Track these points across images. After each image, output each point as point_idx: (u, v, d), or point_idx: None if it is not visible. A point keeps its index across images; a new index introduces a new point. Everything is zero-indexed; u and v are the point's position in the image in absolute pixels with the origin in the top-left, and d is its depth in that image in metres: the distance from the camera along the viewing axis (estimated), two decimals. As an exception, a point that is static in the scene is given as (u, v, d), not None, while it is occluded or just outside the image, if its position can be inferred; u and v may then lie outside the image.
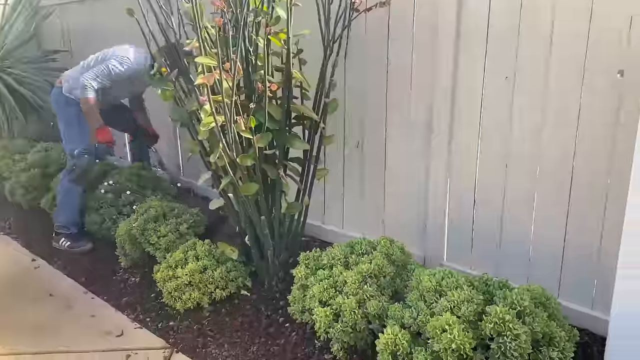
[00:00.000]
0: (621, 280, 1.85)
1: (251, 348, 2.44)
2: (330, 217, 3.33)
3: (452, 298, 1.91)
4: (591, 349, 2.24)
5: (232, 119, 2.30)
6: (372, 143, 2.97)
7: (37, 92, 4.85)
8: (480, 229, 2.63)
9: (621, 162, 2.12)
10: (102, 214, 3.43)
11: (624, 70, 2.05)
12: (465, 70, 2.50)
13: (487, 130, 2.50)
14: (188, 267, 2.72)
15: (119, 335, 2.61)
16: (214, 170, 2.74)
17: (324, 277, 2.36)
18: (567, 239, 2.35)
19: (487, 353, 1.81)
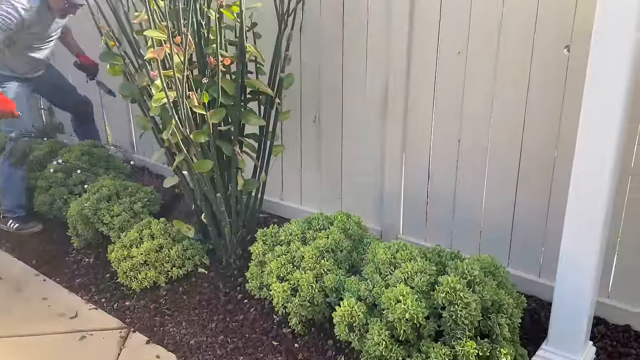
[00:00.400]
0: (566, 247, 1.93)
1: (209, 325, 2.43)
2: (288, 193, 3.33)
3: (405, 269, 1.96)
4: (538, 315, 2.34)
5: (184, 94, 2.24)
6: (329, 118, 2.97)
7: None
8: (435, 202, 2.68)
9: (568, 135, 2.19)
10: (52, 194, 3.31)
11: (570, 45, 2.11)
12: (419, 44, 2.51)
13: (440, 104, 2.53)
14: (143, 246, 2.68)
15: (73, 317, 2.56)
16: (168, 147, 2.68)
17: (282, 253, 2.37)
18: (516, 210, 2.43)
19: (439, 321, 1.87)
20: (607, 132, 1.74)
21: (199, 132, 2.38)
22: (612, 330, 2.24)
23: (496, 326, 1.85)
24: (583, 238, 1.88)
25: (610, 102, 1.71)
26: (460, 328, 1.81)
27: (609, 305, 2.27)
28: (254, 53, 2.55)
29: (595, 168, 1.79)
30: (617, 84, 1.69)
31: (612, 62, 1.68)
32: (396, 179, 2.76)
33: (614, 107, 1.71)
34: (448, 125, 2.53)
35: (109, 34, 2.53)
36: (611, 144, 1.75)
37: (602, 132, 1.75)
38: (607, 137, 1.74)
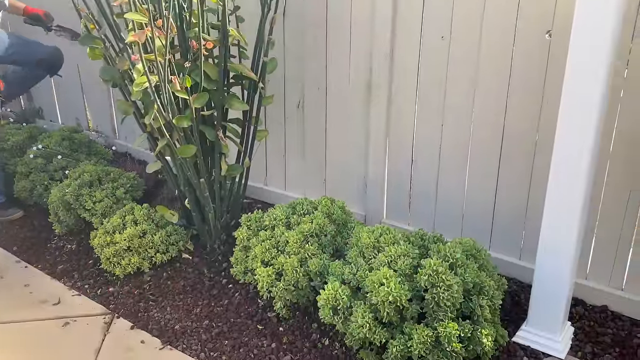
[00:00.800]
0: (545, 230, 1.97)
1: (194, 310, 2.44)
2: (272, 179, 3.33)
3: (389, 253, 1.98)
4: (519, 296, 2.39)
5: (166, 78, 2.22)
6: (313, 103, 2.97)
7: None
8: (418, 186, 2.71)
9: (549, 120, 2.22)
10: (32, 180, 3.27)
11: (551, 30, 2.13)
12: (403, 29, 2.51)
13: (424, 90, 2.54)
14: (126, 232, 2.66)
15: (56, 303, 2.54)
16: (150, 132, 2.66)
17: (266, 238, 2.37)
18: (498, 194, 2.46)
19: (422, 304, 1.90)
20: (587, 118, 1.77)
21: (182, 116, 2.36)
22: (589, 311, 2.29)
23: (477, 308, 1.88)
24: (562, 222, 1.92)
25: (590, 88, 1.74)
26: (442, 310, 1.84)
27: (587, 286, 2.32)
28: (237, 37, 2.53)
29: (575, 153, 1.82)
30: (597, 69, 1.71)
31: (593, 48, 1.70)
32: (380, 164, 2.77)
33: (593, 93, 1.74)
34: (431, 110, 2.54)
35: (88, 17, 2.48)
36: (590, 129, 1.78)
37: (581, 117, 1.78)
38: (587, 123, 1.77)
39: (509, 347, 2.09)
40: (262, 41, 2.63)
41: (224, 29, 2.43)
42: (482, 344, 1.85)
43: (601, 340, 2.14)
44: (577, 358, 2.06)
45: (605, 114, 1.86)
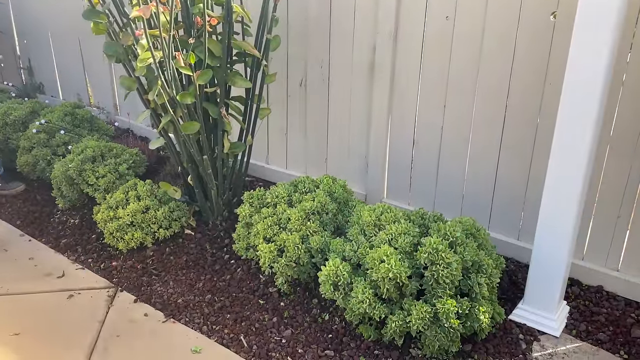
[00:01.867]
0: (544, 210, 2.00)
1: (197, 284, 2.48)
2: (274, 157, 3.34)
3: (390, 231, 2.01)
4: (516, 276, 2.43)
5: (170, 54, 2.22)
6: (316, 82, 2.97)
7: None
8: (419, 166, 2.73)
9: (550, 102, 2.23)
10: (35, 154, 3.28)
11: (556, 12, 2.12)
12: (407, 7, 2.50)
13: (427, 70, 2.54)
14: (129, 207, 2.69)
15: (60, 276, 2.58)
16: (153, 109, 2.66)
17: (268, 215, 2.40)
18: (498, 175, 2.48)
19: (421, 281, 1.94)
20: (589, 97, 1.78)
21: (186, 93, 2.37)
22: (585, 291, 2.33)
23: (476, 285, 1.92)
24: (561, 204, 1.95)
25: (594, 65, 1.75)
26: (441, 287, 1.87)
27: (583, 267, 2.36)
28: (241, 13, 2.52)
29: (576, 133, 1.84)
30: (601, 48, 1.72)
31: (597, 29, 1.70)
32: (381, 143, 2.79)
33: (597, 72, 1.75)
34: (434, 91, 2.54)
35: (91, -8, 2.47)
36: (593, 108, 1.79)
37: (584, 96, 1.79)
38: (589, 102, 1.79)
39: (505, 324, 2.13)
40: (265, 18, 2.62)
41: (228, 6, 2.42)
42: (480, 321, 1.89)
43: (596, 319, 2.18)
44: (571, 336, 2.10)
45: (607, 94, 1.87)
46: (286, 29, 2.95)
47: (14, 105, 3.58)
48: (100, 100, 4.27)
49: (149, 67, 2.35)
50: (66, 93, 4.53)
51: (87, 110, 3.60)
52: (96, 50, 4.00)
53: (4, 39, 4.81)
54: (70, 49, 4.27)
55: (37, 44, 4.57)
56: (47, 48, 4.47)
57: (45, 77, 4.65)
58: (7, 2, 4.64)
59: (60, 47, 4.38)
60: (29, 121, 3.48)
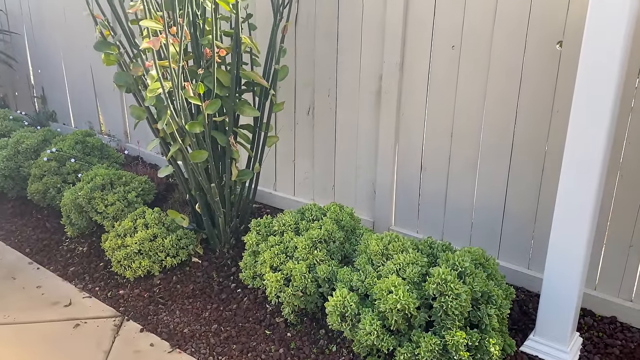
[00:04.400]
0: (554, 240, 1.97)
1: (203, 314, 2.46)
2: (281, 184, 3.35)
3: (398, 261, 1.99)
4: (527, 306, 2.39)
5: (179, 84, 2.25)
6: (323, 109, 2.99)
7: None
8: (427, 194, 2.71)
9: (558, 130, 2.22)
10: (45, 182, 3.31)
11: (562, 41, 2.13)
12: (413, 37, 2.53)
13: (434, 98, 2.55)
14: (137, 235, 2.69)
15: (67, 305, 2.57)
16: (162, 137, 2.69)
17: (275, 243, 2.39)
18: (507, 203, 2.46)
19: (430, 312, 1.91)
20: (598, 125, 1.77)
21: (194, 122, 2.39)
22: (598, 322, 2.28)
23: (485, 317, 1.89)
24: (572, 232, 1.92)
25: (601, 96, 1.74)
26: (450, 318, 1.84)
27: (595, 297, 2.32)
28: (249, 44, 2.55)
29: (586, 160, 1.82)
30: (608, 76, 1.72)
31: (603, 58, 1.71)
32: (389, 171, 2.78)
33: (604, 100, 1.74)
34: (441, 119, 2.55)
35: (103, 23, 2.53)
36: (602, 136, 1.78)
37: (592, 124, 1.78)
38: (598, 130, 1.78)
39: (516, 356, 2.09)
40: (273, 49, 2.65)
41: (237, 37, 2.46)
42: (490, 353, 1.85)
43: (610, 351, 2.13)
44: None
45: (616, 122, 1.86)
46: (294, 58, 2.98)
47: (26, 134, 3.64)
48: (111, 128, 4.33)
49: (159, 96, 2.39)
50: (78, 121, 4.60)
51: (97, 138, 3.65)
52: (107, 80, 4.07)
53: (19, 69, 4.92)
54: (82, 78, 4.36)
55: (50, 74, 4.67)
56: (61, 77, 4.56)
57: (57, 105, 4.73)
58: (23, 33, 4.76)
59: (73, 76, 4.46)
60: (41, 149, 3.53)
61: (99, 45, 2.51)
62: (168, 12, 2.29)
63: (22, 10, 4.65)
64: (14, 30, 4.81)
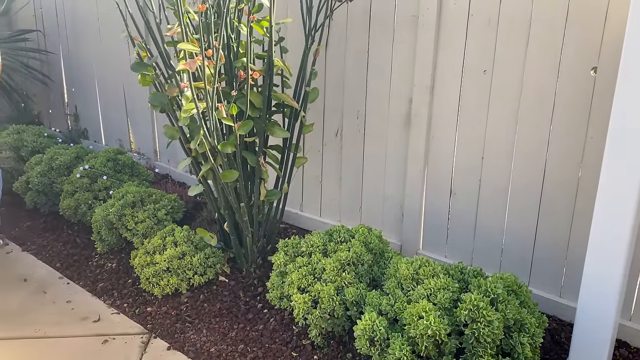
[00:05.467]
0: (589, 269, 1.93)
1: (230, 333, 2.46)
2: (308, 205, 3.36)
3: (428, 286, 1.97)
4: (559, 335, 2.33)
5: (213, 106, 2.29)
6: (351, 131, 3.00)
7: (8, 73, 4.73)
8: (456, 218, 2.69)
9: (592, 156, 2.19)
10: (77, 198, 3.38)
11: (597, 67, 2.12)
12: (444, 61, 2.54)
13: (464, 122, 2.55)
14: (166, 253, 2.72)
15: (96, 320, 2.60)
16: (194, 157, 2.73)
17: (303, 264, 2.39)
18: (538, 229, 2.43)
19: (461, 339, 1.88)
20: (634, 154, 1.75)
21: (226, 142, 2.43)
22: (634, 354, 2.22)
23: (518, 345, 1.85)
24: (607, 259, 1.88)
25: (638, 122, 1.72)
26: (482, 346, 1.81)
27: (631, 328, 2.26)
28: (281, 67, 2.60)
29: (621, 188, 1.79)
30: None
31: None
32: (417, 194, 2.77)
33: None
34: (471, 142, 2.54)
35: (141, 45, 2.60)
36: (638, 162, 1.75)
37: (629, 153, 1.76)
38: (635, 157, 1.75)
39: (549, 387, 2.03)
40: (304, 71, 2.69)
41: (270, 60, 2.50)
42: (523, 383, 1.81)
43: (647, 385, 2.07)
44: (621, 403, 1.99)
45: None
46: (324, 81, 3.02)
47: (59, 151, 3.73)
48: (141, 146, 4.41)
49: (192, 117, 2.43)
50: (108, 138, 4.70)
51: (128, 156, 3.72)
52: (139, 99, 4.17)
53: (54, 87, 5.07)
54: (115, 97, 4.47)
55: (83, 92, 4.79)
56: (94, 96, 4.68)
57: (89, 123, 4.85)
58: (59, 53, 4.91)
59: (105, 94, 4.58)
60: (73, 166, 3.61)
61: (136, 67, 2.58)
62: (204, 35, 2.34)
63: (59, 30, 4.81)
64: (50, 49, 4.97)
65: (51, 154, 3.69)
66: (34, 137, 4.08)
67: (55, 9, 4.79)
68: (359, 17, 2.80)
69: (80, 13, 4.53)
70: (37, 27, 5.04)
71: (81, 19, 4.54)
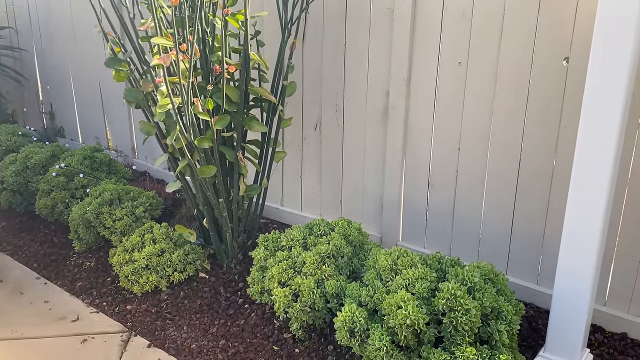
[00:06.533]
0: (564, 256, 1.96)
1: (211, 329, 2.45)
2: (288, 199, 3.36)
3: (407, 276, 1.98)
4: (536, 322, 2.37)
5: (189, 100, 2.27)
6: (330, 125, 3.01)
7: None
8: (434, 209, 2.71)
9: (565, 145, 2.23)
10: (53, 197, 3.33)
11: (569, 57, 2.15)
12: (420, 54, 2.55)
13: (441, 114, 2.57)
14: (145, 250, 2.70)
15: (75, 320, 2.57)
16: (171, 153, 2.71)
17: (283, 258, 2.39)
18: (515, 218, 2.46)
19: (440, 327, 1.90)
20: (606, 142, 1.78)
21: (203, 137, 2.41)
22: (608, 338, 2.27)
23: (495, 332, 1.88)
24: (581, 247, 1.91)
25: (609, 112, 1.75)
26: (460, 334, 1.83)
27: (605, 313, 2.30)
28: (258, 61, 2.58)
29: (594, 177, 1.82)
30: (616, 94, 1.73)
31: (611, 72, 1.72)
32: (396, 186, 2.79)
33: (612, 117, 1.75)
34: (448, 133, 2.56)
35: (114, 40, 2.56)
36: (610, 152, 1.78)
37: (600, 141, 1.79)
38: (606, 146, 1.78)
39: (527, 373, 2.07)
40: (282, 65, 2.68)
41: (246, 53, 2.49)
42: (500, 370, 1.84)
43: (621, 368, 2.11)
44: (596, 386, 2.03)
45: (624, 138, 1.86)
46: (301, 74, 3.01)
47: (34, 149, 3.67)
48: (119, 144, 4.36)
49: (168, 112, 2.41)
50: (85, 136, 4.64)
51: (105, 154, 3.67)
52: (115, 96, 4.11)
53: (28, 85, 4.98)
54: (91, 94, 4.40)
55: (59, 90, 4.72)
56: (69, 93, 4.61)
57: (65, 121, 4.78)
58: (33, 50, 4.82)
59: (81, 92, 4.51)
60: (49, 165, 3.55)
61: (109, 62, 2.55)
62: (178, 29, 2.32)
63: (32, 27, 4.72)
64: (23, 47, 4.87)
65: (26, 152, 3.63)
66: (7, 136, 4.00)
67: (27, 6, 4.70)
68: (336, 10, 2.79)
69: (53, 10, 4.45)
70: (9, 24, 4.94)
71: (55, 16, 4.46)
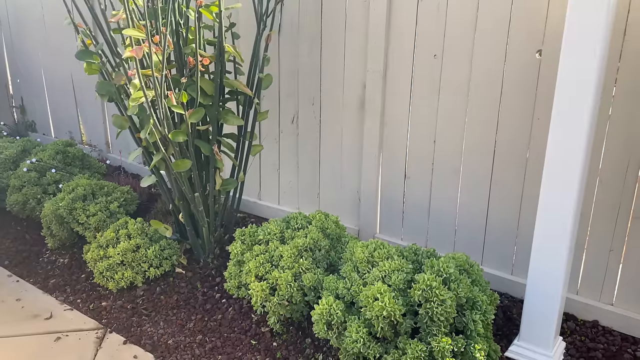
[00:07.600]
0: (537, 246, 2.00)
1: (187, 325, 2.43)
2: (266, 193, 3.34)
3: (383, 268, 1.99)
4: (510, 311, 2.41)
5: (162, 93, 2.24)
6: (307, 118, 3.00)
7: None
8: (411, 202, 2.73)
9: (539, 137, 2.26)
10: (25, 193, 3.25)
11: (542, 50, 2.18)
12: (396, 47, 2.55)
13: (417, 106, 2.58)
14: (120, 246, 2.66)
15: (48, 318, 2.52)
16: (145, 147, 2.67)
17: (260, 252, 2.38)
18: (490, 210, 2.49)
19: (416, 319, 1.91)
20: (577, 134, 1.81)
21: (178, 131, 2.38)
22: (581, 326, 2.31)
23: (470, 322, 1.90)
24: (553, 238, 1.95)
25: (580, 103, 1.78)
26: (436, 325, 1.85)
27: (578, 301, 2.35)
28: (233, 53, 2.56)
29: (566, 166, 1.85)
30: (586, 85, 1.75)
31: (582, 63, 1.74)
32: (373, 179, 2.80)
33: (583, 108, 1.78)
34: (423, 126, 2.57)
35: (85, 32, 2.51)
36: (581, 143, 1.81)
37: (572, 132, 1.82)
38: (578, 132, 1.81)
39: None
40: (257, 58, 2.66)
41: (220, 46, 2.46)
42: (476, 359, 1.86)
43: (593, 355, 2.16)
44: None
45: (595, 129, 1.90)
46: (278, 67, 2.99)
47: (4, 144, 3.58)
48: (92, 138, 4.28)
49: (141, 106, 2.37)
50: (58, 131, 4.54)
51: (78, 148, 3.60)
52: (88, 89, 4.04)
53: (-4, 78, 4.85)
54: (63, 87, 4.31)
55: (30, 83, 4.60)
56: (41, 86, 4.50)
57: (37, 115, 4.67)
58: (1, 43, 4.69)
59: (53, 85, 4.41)
60: (20, 160, 3.47)
61: (80, 55, 2.49)
62: (151, 21, 2.28)
63: (0, 18, 4.59)
64: (-8, 39, 4.74)
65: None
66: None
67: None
68: (312, 2, 2.78)
69: (22, 1, 4.34)
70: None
71: (24, 7, 4.35)
